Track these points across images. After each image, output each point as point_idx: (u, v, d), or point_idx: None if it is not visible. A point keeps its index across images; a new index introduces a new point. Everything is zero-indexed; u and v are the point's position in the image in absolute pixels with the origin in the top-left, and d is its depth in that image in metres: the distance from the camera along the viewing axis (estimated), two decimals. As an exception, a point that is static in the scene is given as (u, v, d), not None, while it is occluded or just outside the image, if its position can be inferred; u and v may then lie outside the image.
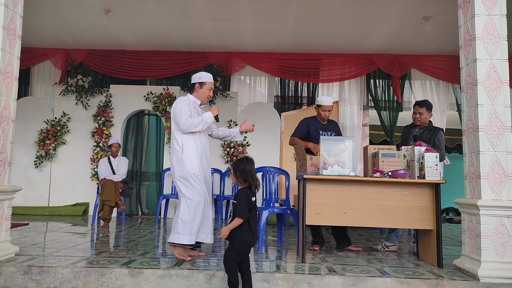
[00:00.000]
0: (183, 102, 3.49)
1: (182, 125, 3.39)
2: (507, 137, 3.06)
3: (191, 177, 3.38)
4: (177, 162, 3.45)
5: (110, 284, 2.95)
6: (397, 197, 3.49)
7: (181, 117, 3.40)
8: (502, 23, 3.15)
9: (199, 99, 3.60)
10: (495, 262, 2.94)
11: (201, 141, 3.53)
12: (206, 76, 3.61)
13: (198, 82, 3.56)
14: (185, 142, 3.45)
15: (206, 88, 3.57)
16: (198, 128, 3.43)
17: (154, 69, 7.22)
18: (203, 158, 3.54)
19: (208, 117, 3.51)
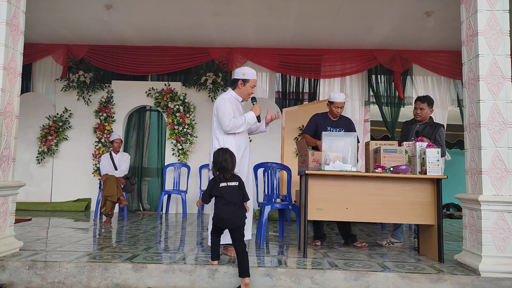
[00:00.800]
0: (227, 101, 3.41)
1: (226, 126, 3.35)
2: (508, 133, 3.07)
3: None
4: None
5: (114, 279, 2.97)
6: (398, 192, 3.51)
7: (224, 117, 3.34)
8: (505, 18, 3.15)
9: (240, 96, 3.53)
10: (496, 257, 2.96)
11: (241, 140, 3.47)
12: (250, 73, 3.49)
13: (242, 79, 3.46)
14: (226, 142, 3.39)
15: (249, 85, 3.48)
16: (241, 129, 3.39)
17: (155, 65, 7.22)
18: (243, 158, 3.46)
19: (250, 117, 3.44)
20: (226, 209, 3.02)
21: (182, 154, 6.85)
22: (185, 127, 6.83)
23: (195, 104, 7.00)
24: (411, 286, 2.91)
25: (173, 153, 6.91)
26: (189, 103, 6.93)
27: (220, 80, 7.00)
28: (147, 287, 2.89)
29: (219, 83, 6.99)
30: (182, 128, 6.83)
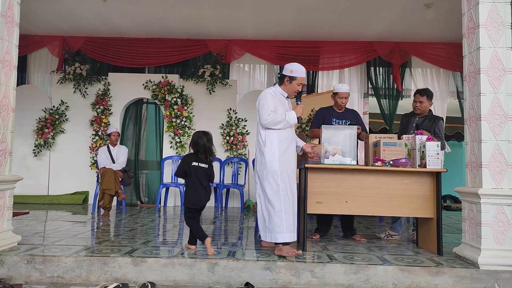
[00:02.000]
0: (268, 95, 3.33)
1: (263, 121, 3.27)
2: (509, 126, 3.05)
3: (269, 173, 3.24)
4: (259, 156, 3.35)
5: (113, 273, 2.96)
6: (398, 185, 3.50)
7: (263, 111, 3.27)
8: (506, 10, 3.12)
9: (286, 92, 3.42)
10: (495, 250, 2.97)
11: (285, 136, 3.34)
12: (298, 71, 3.36)
13: (289, 75, 3.35)
14: (267, 136, 3.31)
15: (295, 83, 3.36)
16: (278, 126, 3.28)
17: (152, 57, 7.15)
18: (286, 154, 3.32)
19: (291, 117, 3.31)
20: (201, 191, 3.39)
21: (180, 147, 6.82)
22: (183, 120, 6.79)
23: (192, 96, 6.95)
24: (410, 279, 2.92)
25: (171, 146, 6.88)
26: (186, 95, 6.88)
27: (218, 73, 6.95)
28: (147, 281, 2.88)
29: (217, 76, 6.94)
30: (180, 121, 6.79)
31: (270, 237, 3.23)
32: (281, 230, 3.18)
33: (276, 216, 3.20)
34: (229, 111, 7.02)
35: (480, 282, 2.89)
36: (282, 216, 3.19)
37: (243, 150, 6.93)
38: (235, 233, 4.31)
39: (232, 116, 7.01)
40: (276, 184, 3.23)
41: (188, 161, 3.39)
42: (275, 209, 3.21)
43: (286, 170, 3.29)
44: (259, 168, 3.35)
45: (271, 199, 3.22)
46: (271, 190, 3.24)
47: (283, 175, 3.26)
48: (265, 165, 3.27)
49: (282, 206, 3.20)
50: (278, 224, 3.19)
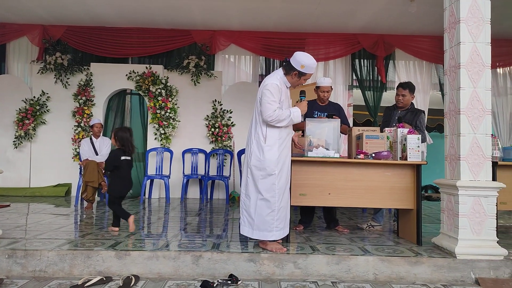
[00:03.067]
0: (275, 88, 3.08)
1: (267, 117, 3.05)
2: (486, 120, 3.13)
3: (268, 172, 3.11)
4: (258, 150, 3.15)
5: (97, 267, 2.96)
6: (380, 178, 3.57)
7: (267, 105, 3.04)
8: (486, 6, 3.18)
9: (290, 83, 3.23)
10: (471, 240, 3.07)
11: (285, 131, 3.22)
12: (310, 67, 3.12)
13: (299, 70, 3.11)
14: (269, 131, 3.14)
15: (303, 78, 3.19)
16: (282, 124, 3.10)
17: (136, 47, 7.04)
18: (285, 150, 3.21)
19: (296, 115, 3.14)
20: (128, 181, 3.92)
21: (165, 139, 6.77)
22: (167, 111, 6.73)
23: (177, 87, 6.89)
24: (390, 269, 2.99)
25: (156, 137, 6.82)
26: (171, 86, 6.82)
27: (203, 64, 6.90)
28: (131, 274, 2.88)
29: (202, 67, 6.88)
30: (165, 113, 6.73)
31: (259, 235, 3.14)
32: (271, 229, 3.13)
33: (270, 216, 3.12)
34: (214, 102, 6.99)
35: (457, 271, 2.99)
36: (275, 216, 3.13)
37: (228, 142, 6.93)
38: (220, 225, 4.33)
39: (217, 108, 6.99)
40: (273, 184, 3.12)
41: (118, 156, 3.83)
42: (270, 208, 3.11)
43: (282, 166, 3.17)
44: (255, 163, 3.15)
45: (267, 199, 3.11)
46: (267, 190, 3.12)
47: (281, 173, 3.16)
48: (263, 163, 3.11)
49: (276, 206, 3.12)
50: (270, 223, 3.12)
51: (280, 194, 3.16)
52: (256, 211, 3.14)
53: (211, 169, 6.83)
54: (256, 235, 3.16)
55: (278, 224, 3.16)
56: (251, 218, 3.17)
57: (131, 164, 3.96)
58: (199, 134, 6.99)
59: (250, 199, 3.19)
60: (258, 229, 3.14)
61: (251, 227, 3.18)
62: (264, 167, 3.13)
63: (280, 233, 3.20)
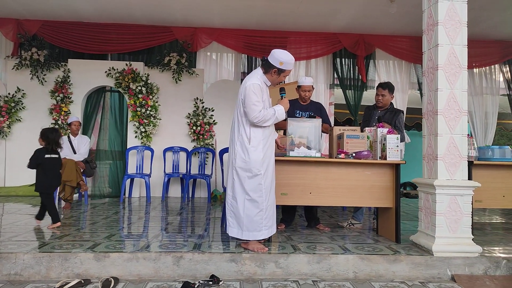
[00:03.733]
0: (257, 89, 3.09)
1: (253, 118, 3.06)
2: (463, 120, 3.21)
3: (253, 172, 3.11)
4: (242, 151, 3.15)
5: (75, 269, 2.90)
6: (360, 177, 3.62)
7: (253, 107, 3.05)
8: (463, 9, 3.25)
9: (270, 81, 3.24)
10: (448, 237, 3.15)
11: (268, 130, 3.23)
12: (288, 63, 3.13)
13: (278, 67, 3.11)
14: (253, 132, 3.14)
15: (283, 75, 3.20)
16: (267, 124, 3.13)
17: (115, 43, 6.90)
18: (269, 149, 3.23)
19: (280, 114, 3.17)
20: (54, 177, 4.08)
21: (145, 137, 6.68)
22: (148, 109, 6.64)
23: (158, 85, 6.80)
24: (370, 267, 3.04)
25: (136, 135, 6.72)
26: (152, 84, 6.72)
27: (185, 61, 6.83)
28: (110, 276, 2.83)
29: (183, 64, 6.81)
30: (145, 110, 6.63)
31: (248, 236, 3.13)
32: (260, 228, 3.14)
33: (259, 216, 3.13)
34: (196, 100, 6.93)
35: (434, 268, 3.06)
36: (263, 215, 3.14)
37: (210, 140, 6.89)
38: (202, 224, 4.31)
39: (199, 106, 6.93)
40: (259, 184, 3.12)
41: (40, 154, 4.00)
42: (258, 208, 3.12)
43: (267, 166, 3.19)
44: (240, 165, 3.14)
45: (255, 199, 3.11)
46: (254, 190, 3.12)
47: (267, 172, 3.17)
48: (249, 164, 3.11)
49: (264, 206, 3.13)
50: (259, 223, 3.13)
51: (267, 193, 3.17)
52: (244, 212, 3.13)
53: (193, 168, 6.78)
54: (245, 236, 3.15)
55: (266, 223, 3.17)
56: (240, 219, 3.15)
57: (57, 161, 4.11)
58: (180, 132, 6.92)
59: (237, 200, 3.17)
60: (247, 229, 3.13)
61: (240, 228, 3.16)
62: (249, 167, 3.12)
63: (269, 231, 3.21)
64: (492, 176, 3.67)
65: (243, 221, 3.13)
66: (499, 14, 6.16)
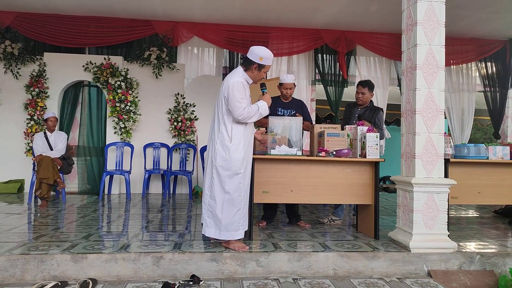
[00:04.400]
0: (240, 86, 3.09)
1: (238, 115, 3.06)
2: (440, 119, 3.28)
3: (234, 172, 3.09)
4: (222, 150, 3.11)
5: (51, 271, 2.83)
6: (340, 174, 3.66)
7: (237, 104, 3.04)
8: (441, 9, 3.30)
9: (252, 78, 3.23)
10: (424, 234, 3.22)
11: (249, 129, 3.23)
12: (268, 58, 3.15)
13: (258, 63, 3.12)
14: (234, 130, 3.12)
15: (264, 71, 3.20)
16: (252, 120, 3.15)
17: (93, 36, 6.72)
18: (249, 148, 3.24)
19: (264, 109, 3.18)
20: None
21: (125, 133, 6.56)
22: (127, 105, 6.52)
23: (138, 80, 6.68)
24: (349, 264, 3.09)
25: (115, 131, 6.59)
26: (131, 79, 6.59)
27: (165, 56, 6.72)
28: (88, 277, 2.78)
29: (163, 59, 6.70)
30: (125, 106, 6.51)
31: (227, 236, 3.11)
32: (237, 228, 3.13)
33: (237, 215, 3.12)
34: (177, 96, 6.85)
35: (411, 264, 3.13)
36: (241, 214, 3.14)
37: (192, 136, 6.83)
38: (183, 222, 4.28)
39: (180, 101, 6.85)
40: (239, 183, 3.12)
41: None
42: (236, 207, 3.11)
43: (247, 165, 3.19)
44: (221, 164, 3.11)
45: (234, 198, 3.10)
46: (234, 189, 3.10)
47: (246, 171, 3.18)
48: (230, 163, 3.09)
49: (242, 205, 3.14)
50: (237, 222, 3.12)
51: (245, 192, 3.20)
52: (223, 212, 3.11)
53: (174, 164, 6.71)
54: (223, 236, 3.13)
55: (243, 222, 3.19)
56: (218, 219, 3.12)
57: None
58: (161, 128, 6.83)
59: (216, 200, 3.14)
60: (226, 229, 3.12)
61: (218, 228, 3.13)
62: (230, 166, 3.10)
63: (244, 230, 3.22)
64: (468, 173, 3.76)
65: (221, 221, 3.11)
66: (476, 13, 6.28)
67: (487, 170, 3.80)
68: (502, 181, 3.81)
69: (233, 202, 3.12)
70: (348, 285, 2.83)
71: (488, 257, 3.22)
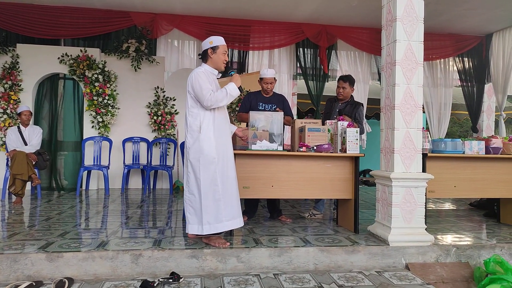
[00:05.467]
0: (202, 75, 3.11)
1: (206, 101, 3.03)
2: (418, 115, 3.32)
3: (207, 160, 3.05)
4: (193, 143, 3.09)
5: (25, 271, 2.75)
6: (321, 169, 3.67)
7: (203, 92, 3.03)
8: (420, 6, 3.32)
9: (215, 67, 3.23)
10: (403, 228, 3.28)
11: (220, 118, 3.17)
12: (217, 39, 3.21)
13: (210, 47, 3.18)
14: (203, 121, 3.09)
15: (220, 52, 3.19)
16: (223, 103, 3.11)
17: (68, 27, 6.51)
18: (222, 137, 3.17)
19: (232, 89, 3.13)
20: None
21: (103, 127, 6.42)
22: (105, 98, 6.37)
23: (116, 73, 6.52)
24: (329, 259, 3.11)
25: (93, 125, 6.44)
26: (109, 72, 6.44)
27: (144, 48, 6.58)
28: (64, 277, 2.71)
29: (143, 51, 6.56)
30: (102, 99, 6.36)
31: (209, 229, 3.04)
32: (220, 220, 3.07)
33: (217, 206, 3.06)
34: (157, 89, 6.73)
35: (389, 258, 3.18)
36: (221, 205, 3.07)
37: (172, 131, 6.74)
38: (163, 218, 4.22)
39: (160, 95, 6.74)
40: (214, 172, 3.06)
41: None
42: (215, 198, 3.05)
43: (223, 154, 3.13)
44: (193, 156, 3.08)
45: (211, 189, 3.05)
46: (209, 179, 3.05)
47: (221, 161, 3.10)
48: (201, 153, 3.05)
49: (221, 195, 3.07)
50: (218, 213, 3.06)
51: (223, 182, 3.10)
52: (202, 204, 3.05)
53: (154, 159, 6.61)
54: (206, 230, 3.05)
55: (226, 214, 3.10)
56: (199, 212, 3.06)
57: None
58: (140, 122, 6.71)
59: (194, 193, 3.09)
60: (207, 222, 3.05)
61: (200, 223, 3.06)
62: (203, 156, 3.06)
63: (231, 224, 3.14)
64: (445, 168, 3.83)
65: (202, 213, 3.05)
66: (453, 9, 6.38)
67: (463, 164, 3.88)
68: (477, 175, 3.90)
69: (211, 193, 3.05)
70: (328, 279, 2.85)
71: (464, 250, 3.31)
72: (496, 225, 4.25)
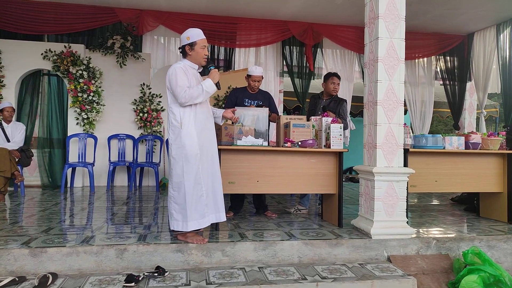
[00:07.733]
0: (178, 70, 3.07)
1: (181, 98, 3.01)
2: (400, 111, 3.40)
3: (190, 156, 3.03)
4: (175, 139, 3.08)
5: (8, 266, 2.73)
6: (305, 165, 3.72)
7: (178, 88, 3.01)
8: (402, 4, 3.40)
9: (195, 62, 3.18)
10: (385, 221, 3.35)
11: (201, 113, 3.14)
12: (195, 34, 3.14)
13: (188, 43, 3.11)
14: (183, 117, 3.07)
15: (198, 47, 3.13)
16: (198, 99, 3.06)
17: (52, 23, 6.41)
18: (205, 132, 3.15)
19: (208, 86, 3.09)
20: None
21: (88, 124, 6.36)
22: (90, 95, 6.31)
23: (101, 69, 6.47)
24: (313, 252, 3.16)
25: (78, 122, 6.38)
26: (94, 68, 6.38)
27: (130, 45, 6.54)
28: (48, 272, 2.70)
29: (128, 48, 6.52)
30: (87, 96, 6.30)
31: (193, 225, 3.03)
32: (203, 215, 3.07)
33: (201, 201, 3.06)
34: (143, 86, 6.69)
35: (372, 250, 3.25)
36: (204, 200, 3.07)
37: (158, 127, 6.71)
38: (149, 214, 4.22)
39: (146, 92, 6.71)
40: (197, 168, 3.05)
41: None
42: (198, 193, 3.05)
43: (207, 150, 3.13)
44: (176, 152, 3.07)
45: (195, 184, 3.04)
46: (192, 174, 3.04)
47: (204, 156, 3.11)
48: (183, 148, 3.04)
49: (204, 190, 3.07)
50: (202, 209, 3.06)
51: (206, 177, 3.11)
52: (186, 200, 3.03)
53: (140, 156, 6.58)
54: (191, 226, 3.03)
55: (210, 208, 3.12)
56: (183, 208, 3.04)
57: None
58: (126, 119, 6.67)
59: (178, 190, 3.08)
60: (192, 218, 3.03)
61: (184, 219, 3.04)
62: (185, 152, 3.05)
63: (214, 217, 3.15)
64: (426, 163, 3.93)
65: (186, 209, 3.03)
66: (436, 8, 6.51)
67: (443, 159, 3.98)
68: (457, 170, 4.00)
69: (195, 188, 3.05)
70: (312, 272, 2.90)
71: (444, 242, 3.40)
72: (475, 219, 4.38)
